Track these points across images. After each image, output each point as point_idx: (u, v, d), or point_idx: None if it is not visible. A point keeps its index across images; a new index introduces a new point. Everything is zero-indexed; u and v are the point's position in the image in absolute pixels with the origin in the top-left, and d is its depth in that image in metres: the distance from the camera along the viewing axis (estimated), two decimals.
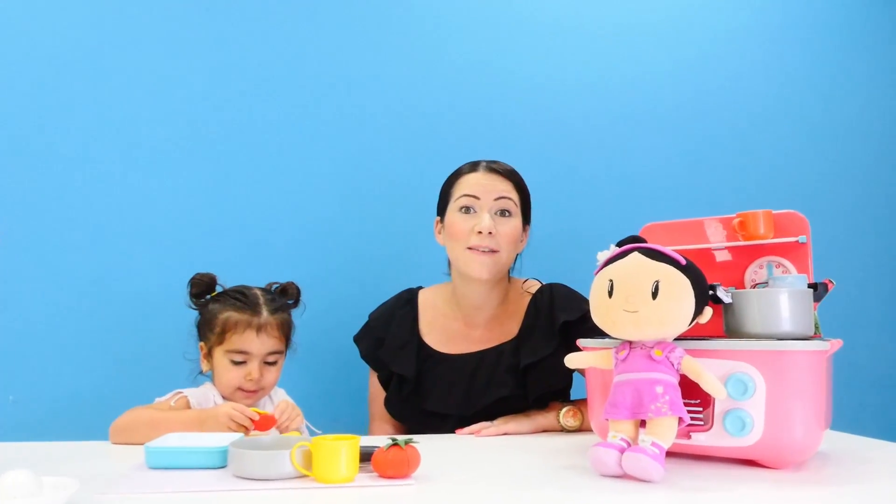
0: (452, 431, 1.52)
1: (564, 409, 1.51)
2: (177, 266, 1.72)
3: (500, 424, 1.49)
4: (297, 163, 1.99)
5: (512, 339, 1.61)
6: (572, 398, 1.64)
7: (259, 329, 1.46)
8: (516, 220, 1.58)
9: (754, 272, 1.38)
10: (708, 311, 1.10)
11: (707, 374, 1.05)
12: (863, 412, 2.05)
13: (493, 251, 1.53)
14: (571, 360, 1.18)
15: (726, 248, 1.38)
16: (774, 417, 1.07)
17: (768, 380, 1.07)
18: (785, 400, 1.07)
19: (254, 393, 1.49)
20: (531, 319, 1.60)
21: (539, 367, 1.53)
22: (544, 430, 1.51)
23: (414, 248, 1.96)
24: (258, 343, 1.46)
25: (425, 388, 1.60)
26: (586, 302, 1.57)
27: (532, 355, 1.54)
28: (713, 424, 1.11)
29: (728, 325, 1.19)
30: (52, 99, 1.88)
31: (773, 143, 2.23)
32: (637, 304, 1.06)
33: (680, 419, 1.05)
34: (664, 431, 1.04)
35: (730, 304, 1.16)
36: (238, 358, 1.46)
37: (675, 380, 1.07)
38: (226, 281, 1.57)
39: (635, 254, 1.11)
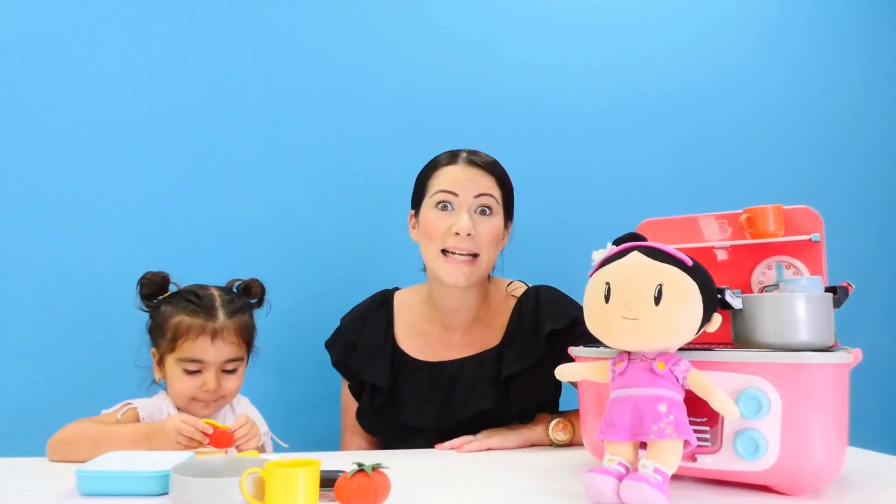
0: (430, 446, 1.39)
1: (553, 422, 1.39)
2: (130, 262, 1.57)
3: (484, 439, 1.36)
4: (266, 151, 1.86)
5: (494, 347, 1.48)
6: (562, 408, 1.52)
7: (214, 335, 1.32)
8: (497, 219, 1.45)
9: (762, 273, 1.26)
10: (717, 319, 0.98)
11: (717, 390, 0.93)
12: (867, 421, 1.94)
13: (474, 256, 1.41)
14: (563, 373, 1.05)
15: (731, 246, 1.26)
16: (791, 438, 0.95)
17: (785, 396, 0.95)
18: (803, 419, 0.94)
19: (212, 402, 1.35)
20: (515, 326, 1.48)
21: (522, 379, 1.41)
22: (532, 445, 1.39)
23: (393, 244, 1.83)
24: (213, 350, 1.32)
25: (400, 399, 1.47)
26: (576, 307, 1.48)
27: (515, 365, 1.42)
28: (722, 445, 0.98)
29: (737, 333, 1.07)
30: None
31: (775, 135, 2.11)
32: (637, 311, 0.94)
33: (686, 442, 0.93)
34: (668, 456, 0.92)
35: (739, 310, 1.04)
36: (191, 367, 1.32)
37: (680, 396, 0.95)
38: (185, 279, 1.44)
39: (635, 253, 0.98)
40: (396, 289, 1.62)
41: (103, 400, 1.35)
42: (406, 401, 1.46)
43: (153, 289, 1.39)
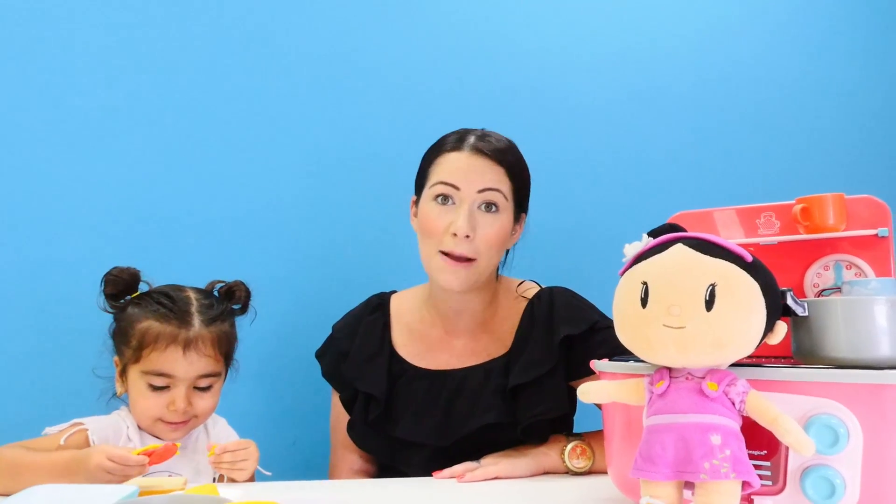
0: (428, 464, 1.22)
1: (570, 446, 1.21)
2: (98, 260, 1.36)
3: (489, 465, 1.18)
4: (254, 141, 1.67)
5: (503, 356, 1.32)
6: (577, 426, 1.34)
7: (187, 345, 1.14)
8: (503, 218, 1.28)
9: (816, 275, 1.08)
10: (781, 328, 0.79)
11: (786, 418, 0.74)
12: None
13: (468, 260, 1.23)
14: (587, 393, 0.86)
15: (779, 243, 1.08)
16: (876, 478, 0.76)
17: (867, 425, 0.76)
18: (891, 453, 0.76)
19: (182, 424, 1.17)
20: (526, 330, 1.32)
21: (532, 390, 1.25)
22: (545, 472, 1.21)
23: (394, 246, 1.66)
24: (185, 364, 1.14)
25: (396, 411, 1.31)
26: (595, 311, 1.30)
27: (524, 374, 1.25)
28: (786, 485, 0.79)
29: (799, 346, 0.88)
30: None
31: (824, 120, 1.88)
32: (684, 317, 0.75)
33: (745, 483, 0.74)
34: (723, 500, 0.73)
35: (804, 317, 0.85)
36: (158, 382, 1.14)
37: (737, 425, 0.76)
38: (158, 279, 1.26)
39: (679, 246, 0.80)
40: (394, 292, 1.46)
41: (53, 416, 1.18)
42: (403, 413, 1.30)
43: (120, 287, 1.21)
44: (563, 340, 1.25)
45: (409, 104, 1.75)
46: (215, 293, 1.27)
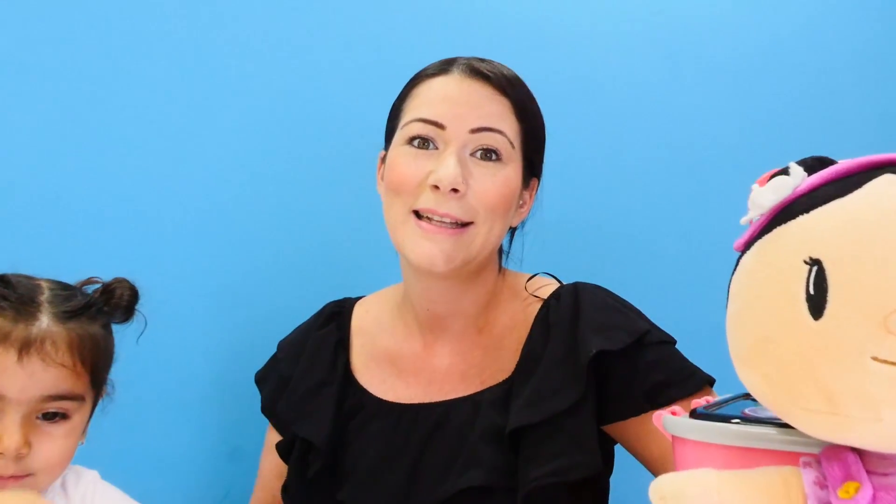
0: None
1: None
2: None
3: None
4: (206, 112, 1.33)
5: (503, 382, 0.92)
6: (614, 487, 0.93)
7: (25, 347, 0.73)
8: (509, 170, 0.90)
9: None
10: None
11: None
12: None
13: (461, 225, 0.88)
14: (674, 499, 0.42)
15: None
16: None
17: None
18: None
19: (13, 480, 0.76)
20: (537, 344, 0.92)
21: (542, 434, 0.85)
22: None
23: (376, 247, 1.34)
24: (21, 375, 0.73)
25: (345, 465, 0.93)
26: (640, 317, 0.88)
27: (531, 410, 0.86)
28: None
29: None
30: None
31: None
32: None
33: None
34: None
35: None
36: None
37: None
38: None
39: (888, 178, 0.37)
40: (360, 298, 1.10)
41: None
42: (354, 467, 0.93)
43: None
44: (594, 359, 0.85)
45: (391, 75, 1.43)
46: (89, 293, 0.88)
